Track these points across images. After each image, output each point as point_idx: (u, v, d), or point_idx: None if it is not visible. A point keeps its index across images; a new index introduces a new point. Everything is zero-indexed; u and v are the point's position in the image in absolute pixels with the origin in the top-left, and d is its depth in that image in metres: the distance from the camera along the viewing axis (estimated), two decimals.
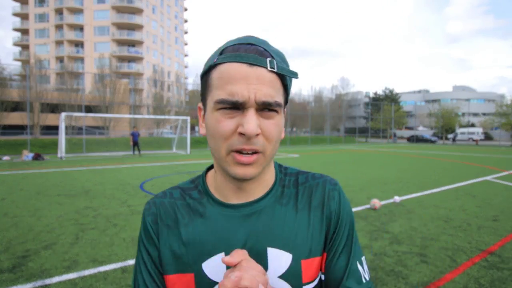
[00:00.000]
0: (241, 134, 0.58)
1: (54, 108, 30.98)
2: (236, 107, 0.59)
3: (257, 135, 0.59)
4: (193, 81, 69.16)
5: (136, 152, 19.57)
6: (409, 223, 5.18)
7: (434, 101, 60.98)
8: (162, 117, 30.72)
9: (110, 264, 3.58)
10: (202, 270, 0.66)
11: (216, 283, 0.65)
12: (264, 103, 0.58)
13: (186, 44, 75.25)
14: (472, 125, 49.93)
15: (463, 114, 50.87)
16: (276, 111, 0.60)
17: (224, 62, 0.59)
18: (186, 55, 74.97)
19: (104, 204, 6.41)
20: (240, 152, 0.60)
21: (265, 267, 0.65)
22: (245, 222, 0.67)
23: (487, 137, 47.22)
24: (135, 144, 19.24)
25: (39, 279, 3.20)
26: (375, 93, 61.32)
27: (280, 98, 0.61)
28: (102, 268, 3.46)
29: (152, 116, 29.41)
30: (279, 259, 0.66)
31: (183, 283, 0.67)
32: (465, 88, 73.17)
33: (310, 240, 0.68)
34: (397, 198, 6.84)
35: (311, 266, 0.68)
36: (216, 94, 0.60)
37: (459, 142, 42.69)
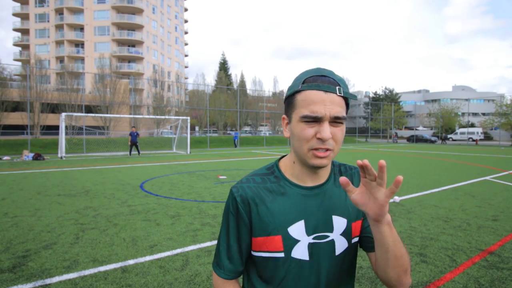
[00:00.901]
0: (319, 138, 0.85)
1: (54, 108, 30.99)
2: (315, 120, 0.85)
3: (330, 138, 0.85)
4: (193, 81, 69.24)
5: (135, 153, 19.33)
6: (409, 223, 5.19)
7: (434, 101, 61.00)
8: (162, 117, 30.75)
9: (110, 264, 3.58)
10: (288, 232, 0.92)
11: (299, 241, 0.93)
12: (336, 117, 0.85)
13: (186, 44, 75.28)
14: (472, 125, 49.91)
15: (463, 114, 50.86)
16: (342, 122, 0.87)
17: (306, 90, 0.87)
18: (186, 55, 74.99)
19: (104, 204, 6.42)
20: (317, 149, 0.86)
21: (331, 228, 0.95)
22: (317, 198, 0.95)
23: (487, 137, 47.21)
24: (133, 144, 18.84)
25: (39, 279, 3.21)
26: (375, 93, 61.30)
27: (344, 114, 0.87)
28: (102, 268, 3.46)
29: (152, 116, 29.46)
30: (339, 222, 0.96)
31: (271, 242, 0.93)
32: (465, 88, 73.16)
33: (355, 210, 0.98)
34: (397, 198, 6.84)
35: (356, 226, 0.99)
36: (301, 111, 0.87)
37: (452, 143, 42.62)
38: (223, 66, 74.08)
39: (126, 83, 37.12)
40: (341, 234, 0.96)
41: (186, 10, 73.75)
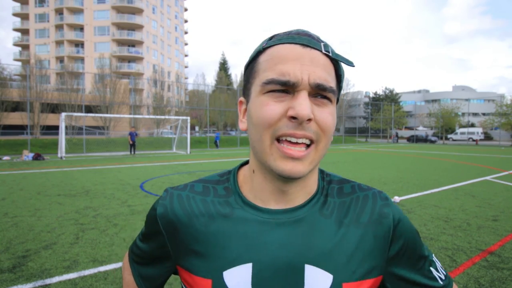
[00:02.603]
0: (292, 118, 0.51)
1: (54, 108, 30.98)
2: (286, 90, 0.52)
3: (310, 120, 0.52)
4: (193, 81, 69.25)
5: (132, 153, 19.84)
6: None
7: (434, 101, 60.99)
8: (162, 117, 30.73)
9: (110, 264, 3.58)
10: (223, 279, 0.57)
11: None
12: (319, 86, 0.52)
13: (186, 44, 75.27)
14: (472, 125, 49.91)
15: (463, 114, 50.85)
16: (329, 99, 0.54)
17: (274, 45, 0.55)
18: (186, 55, 75.00)
19: (104, 204, 6.42)
20: (289, 141, 0.52)
21: (301, 286, 0.56)
22: (281, 231, 0.58)
23: (487, 137, 47.21)
24: (133, 144, 19.66)
25: (39, 279, 3.20)
26: (375, 93, 61.30)
27: (334, 85, 0.55)
28: (102, 268, 3.46)
29: (152, 116, 29.43)
30: (318, 279, 0.56)
31: (196, 286, 0.60)
32: (465, 88, 73.18)
33: (356, 260, 0.58)
34: (397, 198, 6.84)
35: None
36: (264, 76, 0.54)
37: (452, 143, 42.65)
38: (223, 66, 74.07)
39: (126, 83, 37.12)
40: None
41: (186, 10, 73.76)
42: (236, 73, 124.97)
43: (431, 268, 0.66)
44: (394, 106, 49.23)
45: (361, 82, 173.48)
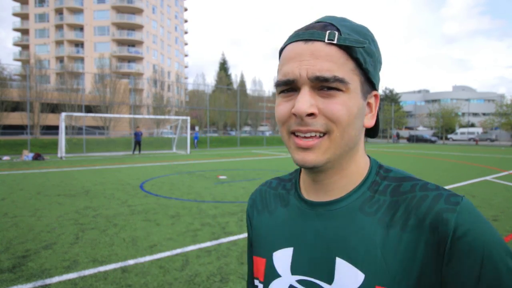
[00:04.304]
0: (293, 115, 0.53)
1: (54, 108, 30.98)
2: (292, 88, 0.55)
3: (312, 114, 0.52)
4: (193, 81, 69.26)
5: (136, 152, 19.84)
6: None
7: (434, 101, 61.01)
8: (162, 117, 30.73)
9: (110, 264, 3.58)
10: (272, 259, 0.65)
11: (279, 277, 0.62)
12: (318, 78, 0.51)
13: (186, 44, 75.29)
14: (472, 125, 49.92)
15: (463, 114, 50.87)
16: (337, 88, 0.52)
17: (285, 46, 0.58)
18: (186, 55, 75.02)
19: (104, 204, 6.41)
20: (295, 134, 0.55)
21: (331, 278, 0.56)
22: (318, 222, 0.60)
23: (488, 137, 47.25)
24: (137, 143, 19.67)
25: (39, 279, 3.20)
26: None
27: (343, 73, 0.52)
28: (102, 268, 3.46)
29: (152, 116, 29.41)
30: (349, 275, 0.55)
31: (257, 265, 0.70)
32: (465, 88, 73.23)
33: (395, 265, 0.52)
34: None
35: None
36: (276, 78, 0.58)
37: (453, 143, 42.64)
38: (223, 66, 74.06)
39: (126, 83, 37.12)
40: None
41: (186, 10, 73.77)
42: (236, 73, 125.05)
43: None
44: (394, 106, 49.25)
45: None
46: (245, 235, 4.58)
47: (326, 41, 0.52)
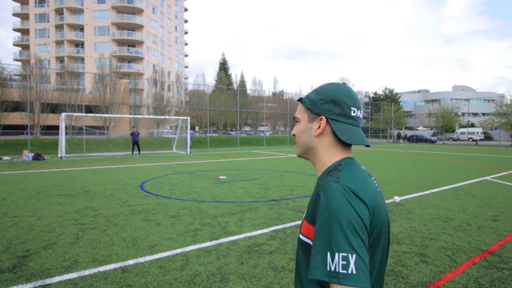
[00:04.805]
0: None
1: (54, 108, 30.98)
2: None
3: (294, 135, 1.09)
4: (193, 81, 69.23)
5: (136, 152, 19.76)
6: (409, 223, 5.19)
7: (434, 101, 60.98)
8: (162, 117, 30.73)
9: (110, 264, 3.58)
10: None
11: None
12: (294, 118, 1.09)
13: (186, 44, 75.30)
14: (472, 125, 49.90)
15: (463, 114, 50.85)
16: (297, 121, 1.07)
17: None
18: (186, 55, 75.01)
19: (104, 204, 6.42)
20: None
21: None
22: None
23: (487, 137, 47.21)
24: (135, 144, 19.55)
25: (39, 279, 3.21)
26: (375, 93, 61.30)
27: (299, 114, 1.07)
28: (102, 268, 3.47)
29: (152, 116, 29.43)
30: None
31: None
32: (465, 88, 73.21)
33: (310, 209, 0.95)
34: (397, 198, 6.84)
35: (307, 227, 0.94)
36: None
37: (453, 143, 42.61)
38: (223, 66, 74.03)
39: (126, 83, 37.11)
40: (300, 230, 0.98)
41: (186, 10, 73.75)
42: (236, 73, 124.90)
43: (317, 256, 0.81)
44: (394, 106, 49.23)
45: (361, 82, 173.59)
46: (245, 235, 4.59)
47: (297, 101, 1.09)
